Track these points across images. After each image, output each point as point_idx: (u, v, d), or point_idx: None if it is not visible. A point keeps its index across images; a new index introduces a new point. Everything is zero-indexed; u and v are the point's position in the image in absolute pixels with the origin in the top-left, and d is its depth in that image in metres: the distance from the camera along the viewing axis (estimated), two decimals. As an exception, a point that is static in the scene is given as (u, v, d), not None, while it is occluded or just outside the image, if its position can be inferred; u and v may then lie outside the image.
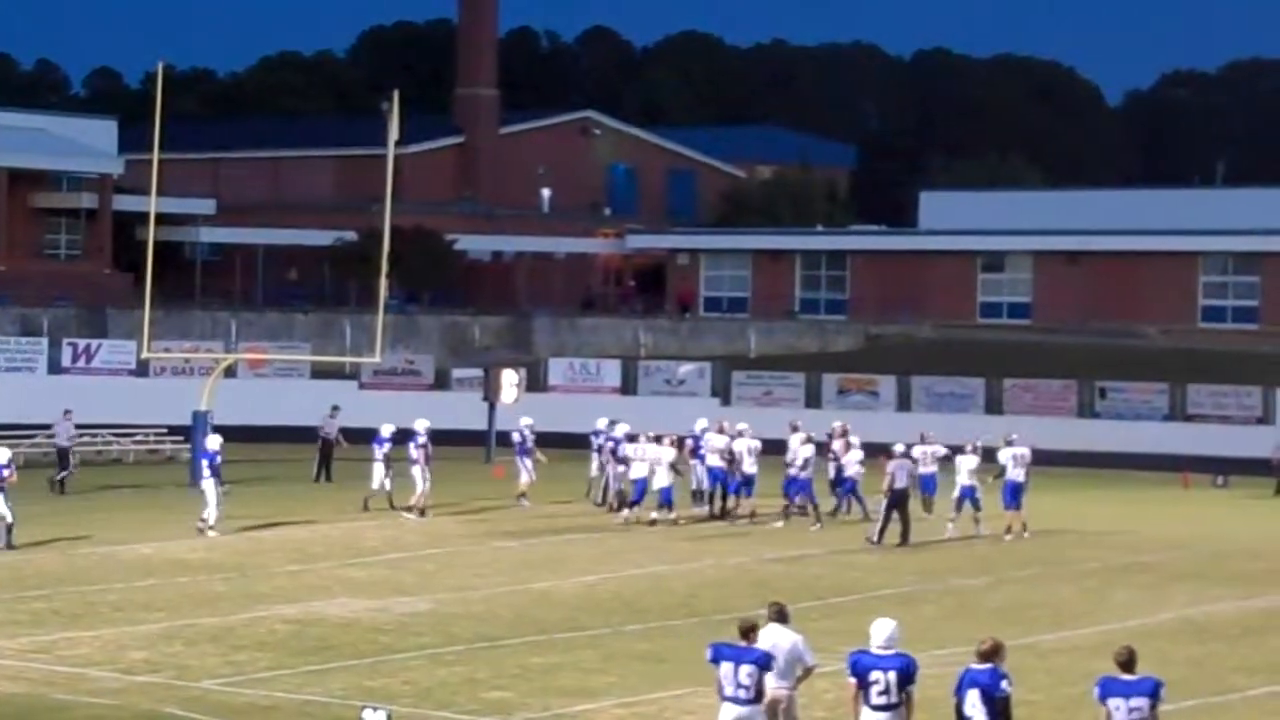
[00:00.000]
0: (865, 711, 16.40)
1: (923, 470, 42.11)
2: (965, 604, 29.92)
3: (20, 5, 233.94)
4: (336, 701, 21.48)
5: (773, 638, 17.52)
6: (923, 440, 42.78)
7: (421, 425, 40.99)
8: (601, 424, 43.68)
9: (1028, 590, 31.55)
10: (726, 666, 16.81)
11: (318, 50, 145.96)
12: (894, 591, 30.71)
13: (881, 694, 16.34)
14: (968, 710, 15.87)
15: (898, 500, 36.83)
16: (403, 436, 41.36)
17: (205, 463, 37.68)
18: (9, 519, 34.52)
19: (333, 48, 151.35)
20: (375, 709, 14.72)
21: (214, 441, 38.14)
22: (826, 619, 26.50)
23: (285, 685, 22.47)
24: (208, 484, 37.33)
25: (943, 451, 42.05)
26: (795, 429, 41.27)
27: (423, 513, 40.18)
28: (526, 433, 43.59)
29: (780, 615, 17.80)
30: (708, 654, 16.99)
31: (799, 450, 39.94)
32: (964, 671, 16.03)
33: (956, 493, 38.67)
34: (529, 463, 43.19)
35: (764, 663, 16.81)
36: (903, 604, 28.81)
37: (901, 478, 37.05)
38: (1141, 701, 15.79)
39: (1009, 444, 39.44)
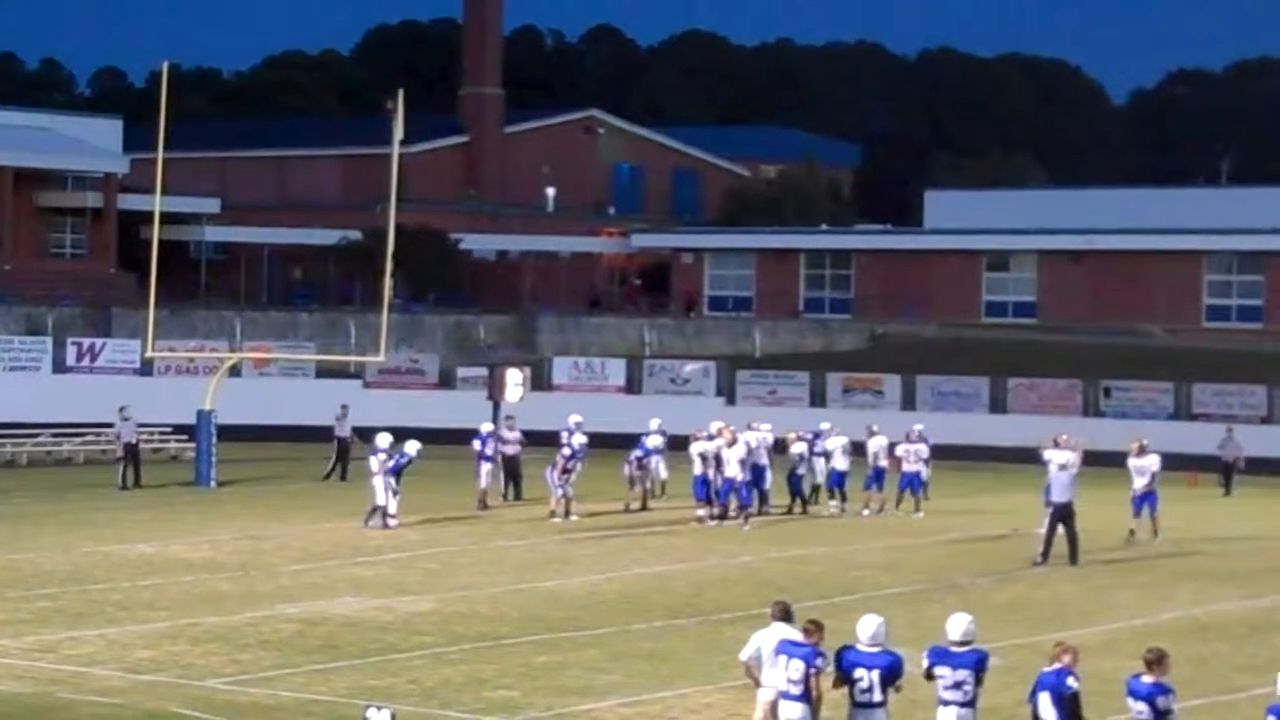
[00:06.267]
0: (849, 709, 16.43)
1: (907, 469, 42.27)
2: (970, 603, 29.76)
3: (25, 4, 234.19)
4: (341, 701, 21.48)
5: (776, 637, 17.54)
6: (909, 439, 42.83)
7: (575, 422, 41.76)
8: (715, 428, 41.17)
9: (1033, 589, 31.51)
10: (782, 660, 16.96)
11: (323, 49, 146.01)
12: (899, 591, 30.66)
13: (865, 691, 16.39)
14: (1041, 713, 16.13)
15: (1060, 514, 34.37)
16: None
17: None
18: (383, 502, 37.14)
19: (338, 47, 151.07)
20: (379, 708, 14.68)
21: (411, 447, 38.61)
22: (830, 618, 26.06)
23: (289, 684, 22.47)
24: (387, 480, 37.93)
25: (925, 452, 42.39)
26: (873, 432, 42.87)
27: (555, 514, 40.03)
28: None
29: (784, 614, 17.82)
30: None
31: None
32: (1038, 676, 16.31)
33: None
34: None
35: (810, 659, 16.87)
36: (908, 603, 28.78)
37: (1059, 491, 34.69)
38: (1143, 706, 15.89)
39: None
